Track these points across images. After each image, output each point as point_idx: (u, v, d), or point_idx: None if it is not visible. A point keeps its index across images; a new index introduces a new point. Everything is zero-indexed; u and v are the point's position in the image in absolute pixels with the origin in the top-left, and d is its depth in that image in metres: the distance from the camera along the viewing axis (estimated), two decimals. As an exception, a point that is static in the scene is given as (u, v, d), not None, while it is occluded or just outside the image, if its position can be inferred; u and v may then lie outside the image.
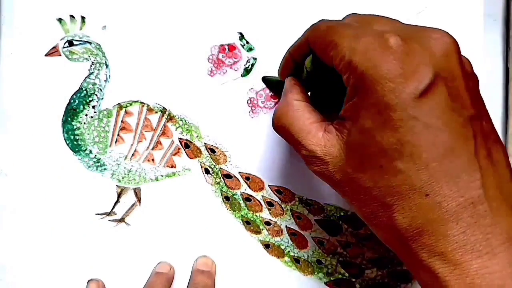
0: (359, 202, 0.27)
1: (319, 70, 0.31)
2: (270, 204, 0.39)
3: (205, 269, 0.38)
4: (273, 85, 0.38)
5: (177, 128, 0.39)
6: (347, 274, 0.39)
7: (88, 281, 0.38)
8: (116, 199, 0.39)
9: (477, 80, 0.28)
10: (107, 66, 0.39)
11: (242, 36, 0.39)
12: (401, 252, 0.27)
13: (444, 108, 0.25)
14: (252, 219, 0.39)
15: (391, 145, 0.25)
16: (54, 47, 0.38)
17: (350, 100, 0.27)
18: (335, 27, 0.28)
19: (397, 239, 0.26)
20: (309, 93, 0.33)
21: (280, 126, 0.31)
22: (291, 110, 0.30)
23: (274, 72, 0.39)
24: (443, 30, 0.27)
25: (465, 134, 0.25)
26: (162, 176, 0.39)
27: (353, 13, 0.30)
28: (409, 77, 0.25)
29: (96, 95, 0.39)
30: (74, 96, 0.38)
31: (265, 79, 0.39)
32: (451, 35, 0.26)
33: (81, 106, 0.39)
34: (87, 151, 0.39)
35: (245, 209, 0.39)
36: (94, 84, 0.39)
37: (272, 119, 0.31)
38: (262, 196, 0.39)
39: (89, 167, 0.39)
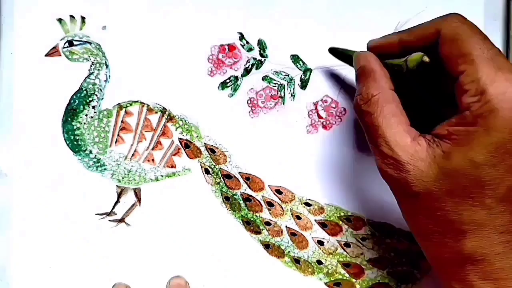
0: (426, 219, 0.27)
1: (421, 72, 0.28)
2: (270, 204, 0.39)
3: None
4: (344, 58, 0.35)
5: (177, 128, 0.39)
6: (347, 274, 0.39)
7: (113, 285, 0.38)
8: (116, 199, 0.39)
9: None
10: (107, 66, 0.39)
11: (242, 36, 0.39)
12: (449, 272, 0.27)
13: None
14: (252, 219, 0.39)
15: (491, 183, 0.25)
16: (54, 47, 0.38)
17: (463, 124, 0.26)
18: (473, 39, 0.26)
19: (454, 260, 0.26)
20: None
21: (366, 112, 0.28)
22: (384, 99, 0.28)
23: (273, 74, 0.39)
24: None
25: None
26: (162, 176, 0.39)
27: (458, 15, 0.29)
28: None
29: (96, 95, 0.39)
30: (74, 96, 0.38)
31: (334, 51, 0.35)
32: None
33: (81, 106, 0.39)
34: (87, 151, 0.39)
35: (245, 209, 0.39)
36: (94, 84, 0.39)
37: (356, 100, 0.29)
38: (262, 196, 0.39)
39: (89, 167, 0.39)
